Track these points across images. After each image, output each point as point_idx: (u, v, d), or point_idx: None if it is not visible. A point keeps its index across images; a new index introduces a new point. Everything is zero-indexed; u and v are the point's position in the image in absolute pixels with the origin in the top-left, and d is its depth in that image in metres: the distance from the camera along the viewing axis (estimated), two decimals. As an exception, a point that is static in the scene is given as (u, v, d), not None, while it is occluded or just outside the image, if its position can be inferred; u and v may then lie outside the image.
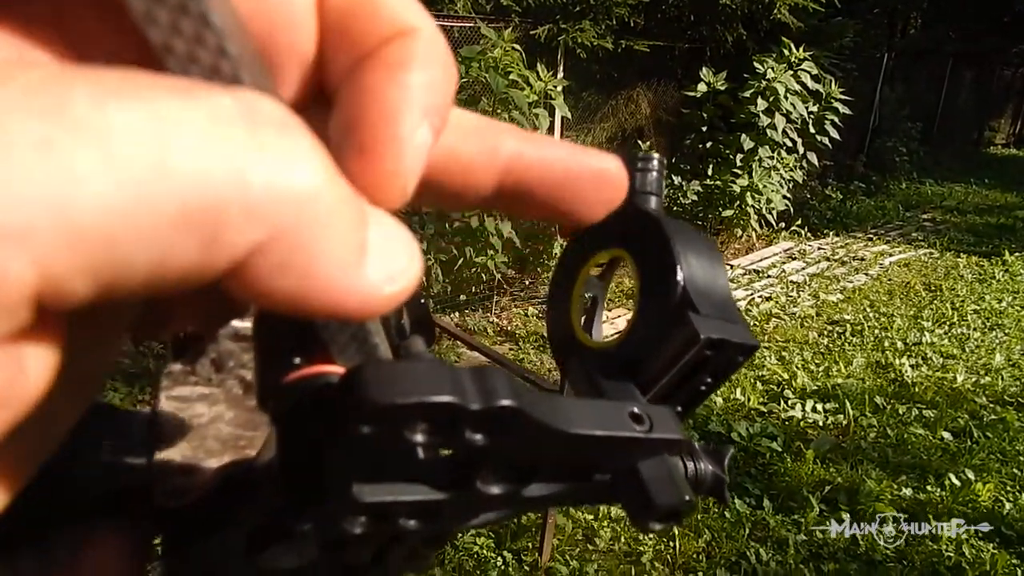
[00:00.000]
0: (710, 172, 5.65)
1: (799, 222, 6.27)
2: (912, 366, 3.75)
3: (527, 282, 4.58)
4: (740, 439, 2.91)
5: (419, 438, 0.16)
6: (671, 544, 2.33)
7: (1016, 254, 5.98)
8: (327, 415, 0.16)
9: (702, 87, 5.39)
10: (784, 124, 5.40)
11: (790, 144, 5.62)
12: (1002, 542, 2.43)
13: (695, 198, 5.78)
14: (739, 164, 5.47)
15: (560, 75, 5.10)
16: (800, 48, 5.38)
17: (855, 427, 3.12)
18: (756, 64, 5.36)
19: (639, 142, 6.13)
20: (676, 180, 5.87)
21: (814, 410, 3.21)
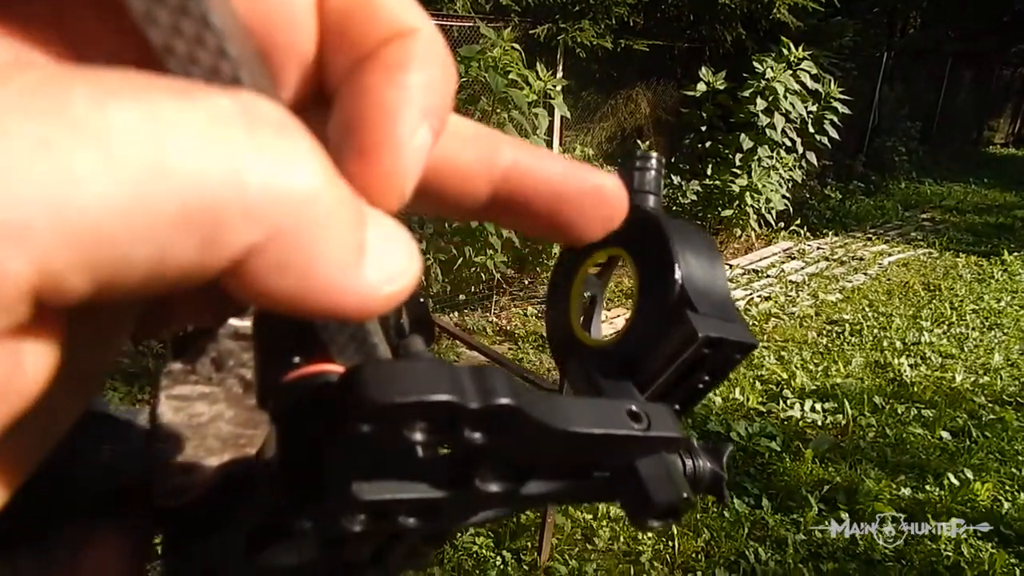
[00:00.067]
0: (709, 172, 5.64)
1: (798, 222, 6.27)
2: (911, 366, 3.75)
3: (526, 282, 4.58)
4: (739, 439, 2.91)
5: (418, 437, 0.16)
6: (670, 543, 2.33)
7: (1015, 254, 5.98)
8: (327, 414, 0.16)
9: (701, 87, 5.39)
10: (783, 124, 5.39)
11: (789, 144, 5.62)
12: (1001, 542, 2.43)
13: (694, 198, 5.77)
14: (738, 164, 5.47)
15: (559, 74, 5.11)
16: (799, 48, 5.37)
17: (854, 427, 3.12)
18: (755, 64, 5.35)
19: (638, 141, 6.13)
20: (675, 180, 5.87)
21: (813, 410, 3.21)
